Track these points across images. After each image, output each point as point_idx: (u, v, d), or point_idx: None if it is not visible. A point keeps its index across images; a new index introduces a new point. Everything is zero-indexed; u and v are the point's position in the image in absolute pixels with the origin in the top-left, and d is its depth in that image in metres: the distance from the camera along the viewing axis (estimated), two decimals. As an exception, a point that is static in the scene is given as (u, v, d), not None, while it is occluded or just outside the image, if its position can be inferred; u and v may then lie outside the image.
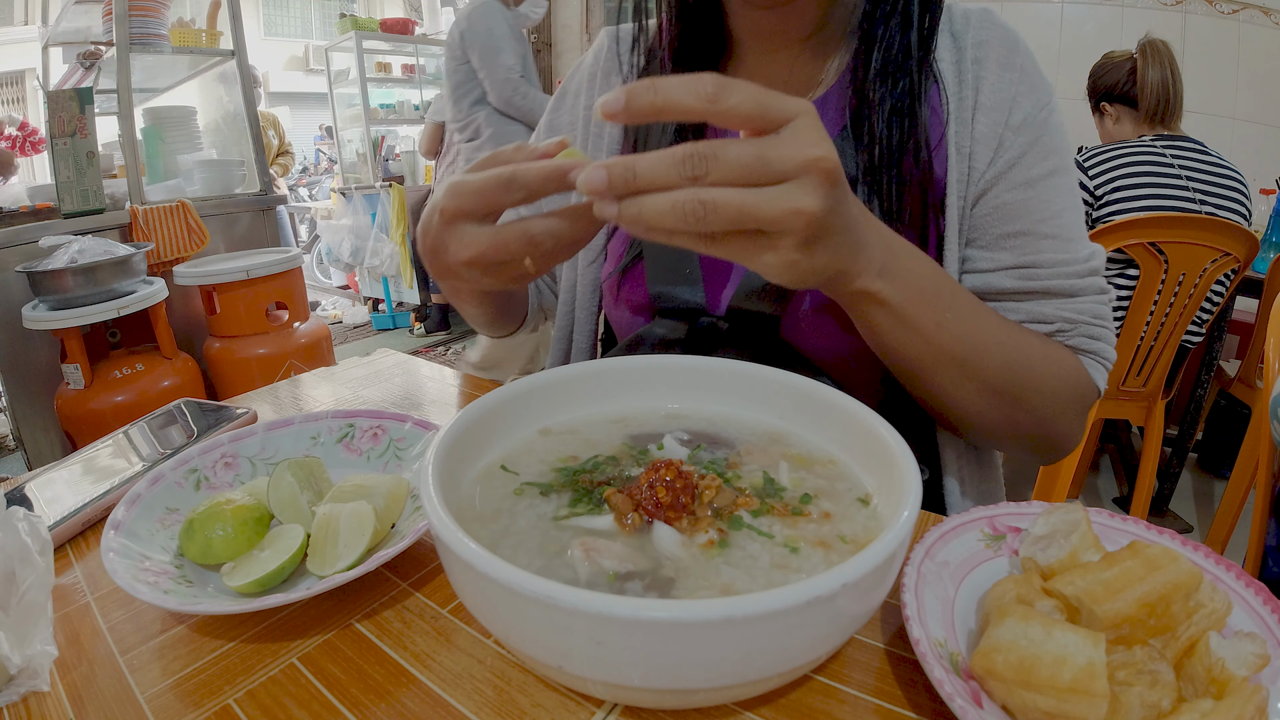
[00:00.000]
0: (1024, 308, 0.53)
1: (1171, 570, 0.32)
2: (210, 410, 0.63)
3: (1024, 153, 0.52)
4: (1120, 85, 1.73)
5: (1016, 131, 0.52)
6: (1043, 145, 0.53)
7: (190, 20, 2.43)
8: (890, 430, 0.38)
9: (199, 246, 2.25)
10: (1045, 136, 0.53)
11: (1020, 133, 0.52)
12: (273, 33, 6.49)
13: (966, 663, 0.32)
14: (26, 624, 0.35)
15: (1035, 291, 0.53)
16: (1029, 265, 0.52)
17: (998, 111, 0.53)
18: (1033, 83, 0.54)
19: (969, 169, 0.53)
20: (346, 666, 0.36)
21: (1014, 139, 0.52)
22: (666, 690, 0.28)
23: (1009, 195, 0.52)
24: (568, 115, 0.70)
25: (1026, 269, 0.52)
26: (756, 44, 0.58)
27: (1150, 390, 1.68)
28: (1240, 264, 1.51)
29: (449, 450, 0.37)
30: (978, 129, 0.53)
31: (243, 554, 0.41)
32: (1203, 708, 0.28)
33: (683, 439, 0.44)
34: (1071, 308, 0.52)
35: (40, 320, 1.78)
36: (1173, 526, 1.64)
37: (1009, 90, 0.53)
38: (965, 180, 0.53)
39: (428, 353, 3.73)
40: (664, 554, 0.34)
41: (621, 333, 0.65)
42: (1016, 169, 0.52)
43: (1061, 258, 0.52)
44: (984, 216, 0.54)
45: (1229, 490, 1.48)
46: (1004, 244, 0.53)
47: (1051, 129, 0.53)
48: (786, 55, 0.57)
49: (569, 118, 0.70)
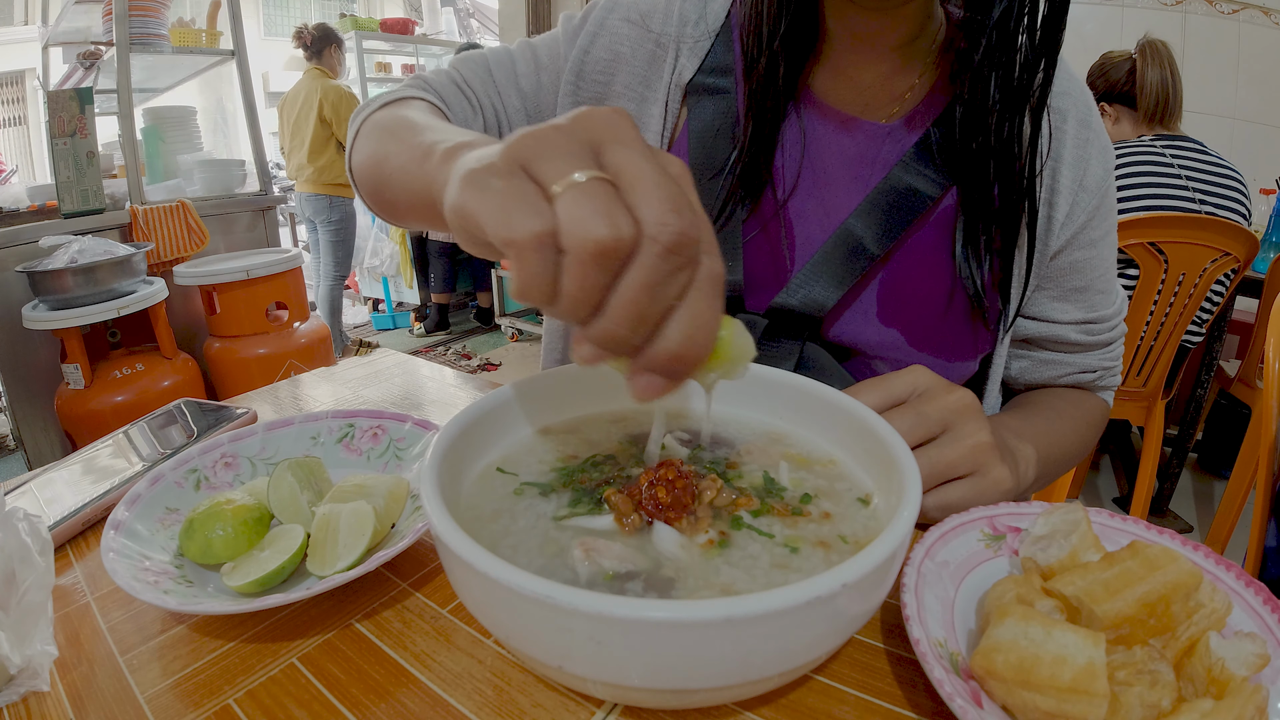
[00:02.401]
0: (1077, 360, 0.61)
1: (1171, 570, 0.32)
2: (210, 410, 0.63)
3: (1093, 215, 0.56)
4: (1120, 85, 1.73)
5: (1090, 193, 0.56)
6: (1106, 206, 0.57)
7: (190, 20, 2.43)
8: (890, 430, 0.38)
9: (199, 246, 2.25)
10: (1108, 198, 0.57)
11: (1092, 194, 0.56)
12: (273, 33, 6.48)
13: (966, 663, 0.32)
14: (26, 624, 0.35)
15: (1092, 345, 0.61)
16: (1091, 321, 0.60)
17: (1075, 168, 0.55)
18: (1103, 144, 0.56)
19: (1049, 217, 0.56)
20: (346, 666, 0.36)
21: (1087, 200, 0.55)
22: (666, 690, 0.28)
23: (1079, 254, 0.57)
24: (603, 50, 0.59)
25: (1090, 324, 0.60)
26: (849, 46, 0.55)
27: (1150, 390, 1.68)
28: (1240, 264, 1.51)
29: (449, 450, 0.37)
30: (1060, 182, 0.55)
31: (243, 554, 0.41)
32: (1203, 708, 0.28)
33: (683, 439, 0.44)
34: (1110, 356, 0.62)
35: (40, 320, 1.78)
36: (1173, 526, 1.64)
37: (1085, 150, 0.55)
38: (1046, 226, 0.56)
39: (428, 353, 3.73)
40: (664, 554, 0.34)
41: None
42: (1087, 230, 0.57)
43: (1109, 312, 0.60)
44: (1058, 270, 0.58)
45: (1229, 490, 1.48)
46: (1072, 297, 0.59)
47: (1112, 192, 0.58)
48: (877, 63, 0.55)
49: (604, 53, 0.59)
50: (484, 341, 3.88)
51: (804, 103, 0.57)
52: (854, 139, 0.56)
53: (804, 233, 0.56)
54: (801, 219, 0.56)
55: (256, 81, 2.66)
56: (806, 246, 0.56)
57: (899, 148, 0.55)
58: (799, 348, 0.55)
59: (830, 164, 0.56)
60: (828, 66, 0.57)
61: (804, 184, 0.56)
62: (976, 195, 0.52)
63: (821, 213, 0.56)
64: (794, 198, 0.56)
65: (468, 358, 3.60)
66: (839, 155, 0.56)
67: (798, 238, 0.56)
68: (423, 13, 5.50)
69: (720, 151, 0.55)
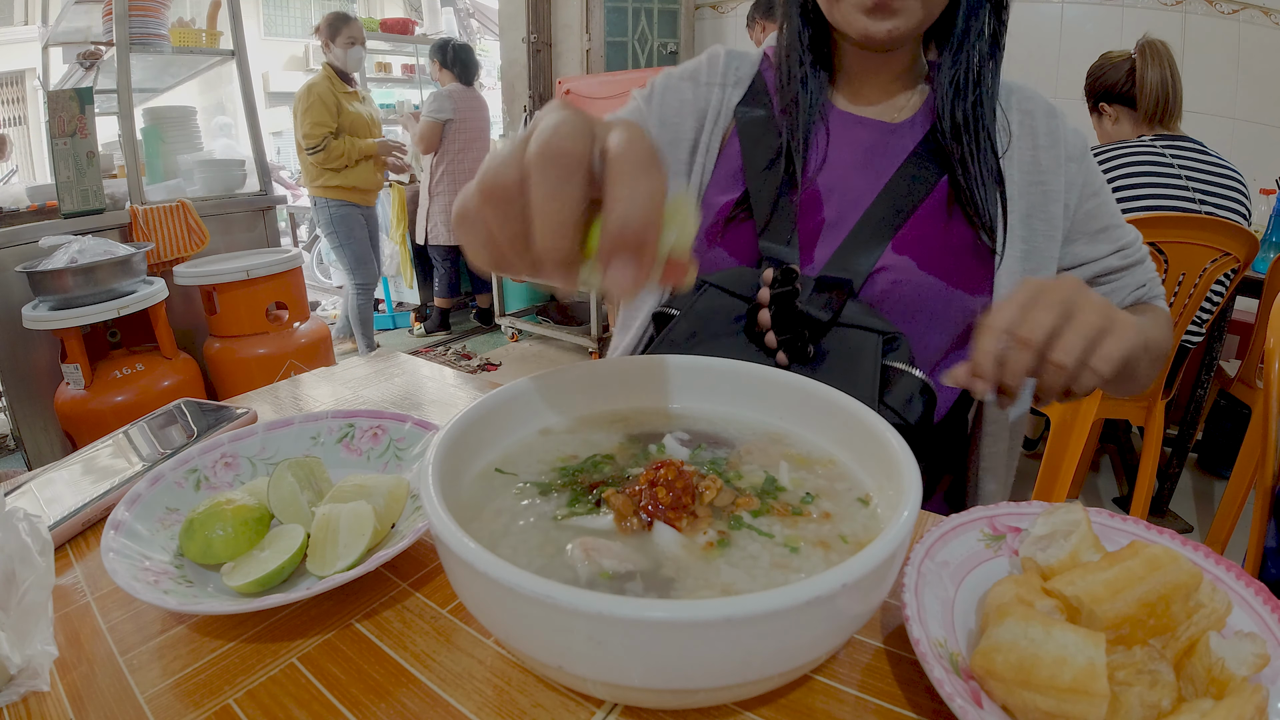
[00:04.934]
0: (1126, 280, 0.73)
1: (1171, 570, 0.32)
2: (210, 410, 0.63)
3: (1087, 173, 0.72)
4: (1119, 85, 1.73)
5: (1076, 160, 0.71)
6: (1090, 165, 0.73)
7: (190, 20, 2.42)
8: (890, 430, 0.38)
9: (199, 246, 2.25)
10: (1089, 159, 0.73)
11: (1078, 161, 0.71)
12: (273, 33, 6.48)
13: (966, 663, 0.32)
14: (26, 624, 0.35)
15: (1131, 264, 0.72)
16: (1123, 247, 0.72)
17: (1054, 148, 0.70)
18: (1073, 126, 0.73)
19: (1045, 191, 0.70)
20: (346, 666, 0.36)
21: (1076, 167, 0.71)
22: (666, 690, 0.28)
23: (1089, 203, 0.72)
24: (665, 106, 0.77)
25: (1123, 250, 0.72)
26: (859, 76, 0.73)
27: (1150, 390, 1.68)
28: (1240, 264, 1.51)
29: (449, 450, 0.37)
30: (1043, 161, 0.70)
31: (243, 554, 0.41)
32: (1203, 708, 0.28)
33: (683, 439, 0.44)
34: (1148, 269, 0.74)
35: (40, 320, 1.78)
36: (1173, 526, 1.63)
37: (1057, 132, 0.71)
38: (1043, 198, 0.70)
39: (428, 353, 3.73)
40: (664, 554, 0.34)
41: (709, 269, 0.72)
42: (1088, 184, 0.72)
43: (1130, 238, 0.73)
44: (1081, 220, 0.71)
45: (1229, 490, 1.48)
46: (1099, 237, 0.72)
47: (1090, 155, 0.74)
48: (882, 86, 0.73)
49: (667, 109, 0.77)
50: (484, 341, 3.87)
51: (828, 113, 0.73)
52: (869, 133, 0.72)
53: (832, 207, 0.70)
54: (830, 196, 0.70)
55: (256, 81, 2.66)
56: (836, 218, 0.70)
57: (904, 140, 0.70)
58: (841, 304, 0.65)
59: (851, 154, 0.71)
60: (845, 89, 0.75)
61: (830, 169, 0.71)
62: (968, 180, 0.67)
63: (845, 188, 0.70)
64: (822, 178, 0.71)
65: (468, 358, 3.60)
66: (857, 146, 0.71)
67: (827, 211, 0.70)
68: (423, 13, 5.50)
69: (765, 147, 0.71)
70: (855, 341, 0.62)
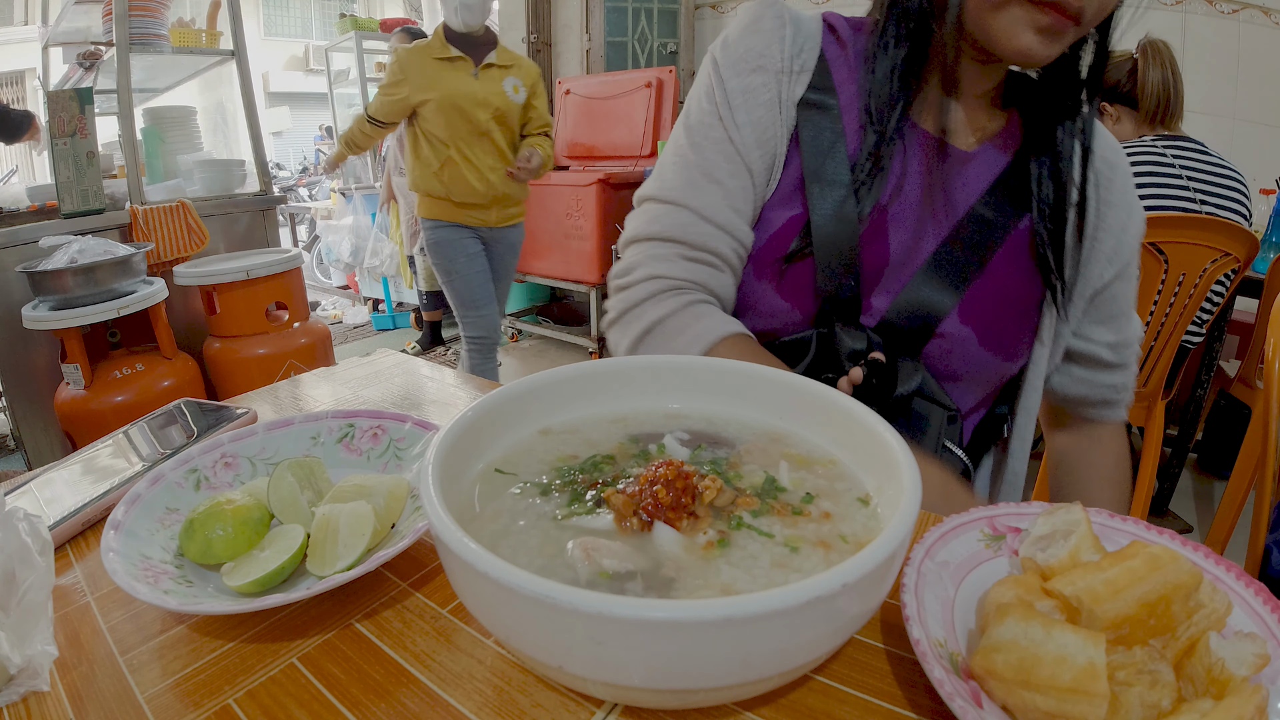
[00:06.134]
0: (1105, 380, 0.72)
1: (1172, 570, 0.32)
2: (210, 410, 0.63)
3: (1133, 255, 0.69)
4: (1121, 86, 1.73)
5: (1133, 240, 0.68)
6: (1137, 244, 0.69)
7: (190, 20, 2.43)
8: (890, 430, 0.38)
9: (199, 246, 2.25)
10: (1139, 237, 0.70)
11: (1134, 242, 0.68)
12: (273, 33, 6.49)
13: (966, 663, 0.32)
14: (26, 624, 0.35)
15: (1119, 365, 0.71)
16: (1120, 344, 0.71)
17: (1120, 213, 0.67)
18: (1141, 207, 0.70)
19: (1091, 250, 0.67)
20: (346, 666, 0.36)
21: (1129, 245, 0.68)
22: (666, 690, 0.28)
23: (1117, 286, 0.69)
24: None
25: (1119, 346, 0.71)
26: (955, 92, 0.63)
27: (1150, 390, 1.68)
28: (1240, 264, 1.51)
29: (449, 450, 0.37)
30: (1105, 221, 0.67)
31: (243, 554, 0.41)
32: (1203, 708, 0.28)
33: (683, 439, 0.44)
34: (1127, 377, 0.73)
35: (40, 320, 1.78)
36: (1173, 526, 1.64)
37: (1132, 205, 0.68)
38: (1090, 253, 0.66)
39: (427, 353, 3.73)
40: (664, 554, 0.34)
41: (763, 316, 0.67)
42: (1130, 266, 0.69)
43: (1131, 335, 0.71)
44: (1103, 299, 0.69)
45: (1229, 490, 1.48)
46: (1107, 322, 0.70)
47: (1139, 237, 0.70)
48: (966, 105, 0.66)
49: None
50: (484, 341, 3.87)
51: (908, 132, 0.65)
52: (944, 159, 0.65)
53: (898, 241, 0.63)
54: (896, 228, 0.63)
55: (256, 81, 2.66)
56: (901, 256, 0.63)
57: (980, 170, 0.65)
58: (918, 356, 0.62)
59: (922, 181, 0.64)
60: (927, 104, 0.65)
61: (903, 198, 0.64)
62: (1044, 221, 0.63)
63: (913, 222, 0.63)
64: (892, 209, 0.64)
65: (468, 358, 3.60)
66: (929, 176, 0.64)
67: (893, 244, 0.63)
68: (423, 13, 5.50)
69: (830, 163, 0.63)
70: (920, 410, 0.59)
